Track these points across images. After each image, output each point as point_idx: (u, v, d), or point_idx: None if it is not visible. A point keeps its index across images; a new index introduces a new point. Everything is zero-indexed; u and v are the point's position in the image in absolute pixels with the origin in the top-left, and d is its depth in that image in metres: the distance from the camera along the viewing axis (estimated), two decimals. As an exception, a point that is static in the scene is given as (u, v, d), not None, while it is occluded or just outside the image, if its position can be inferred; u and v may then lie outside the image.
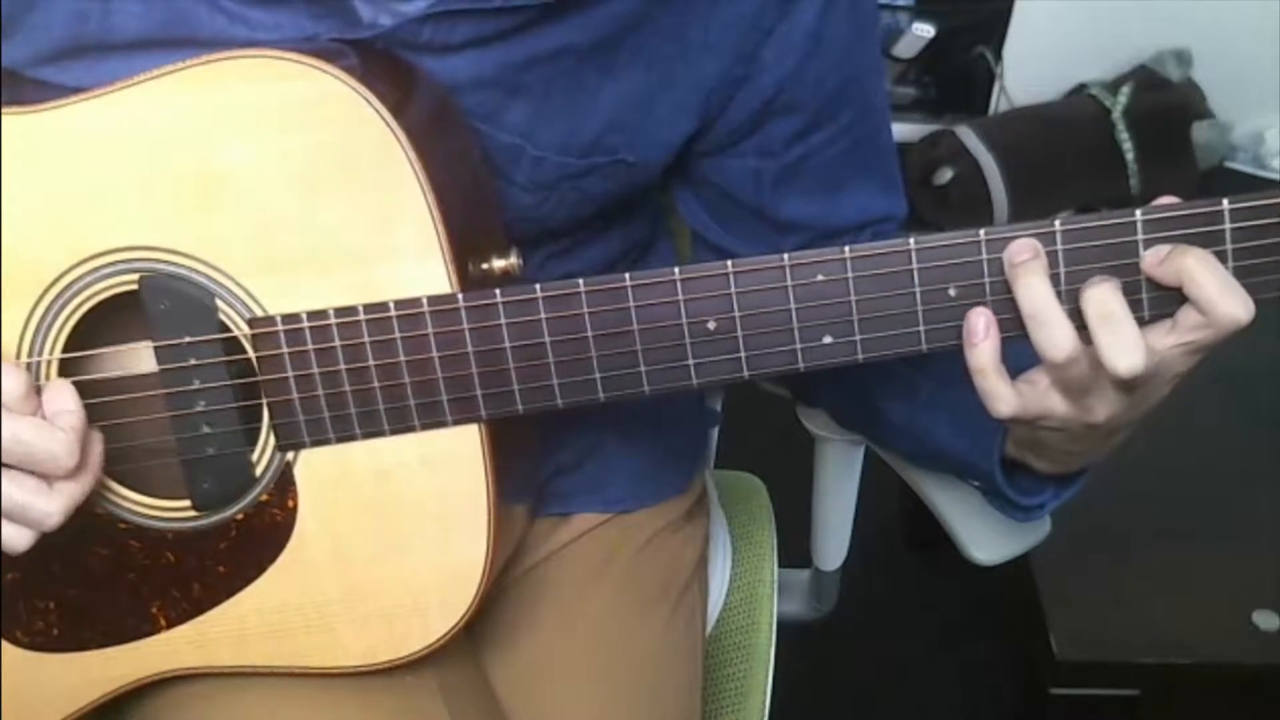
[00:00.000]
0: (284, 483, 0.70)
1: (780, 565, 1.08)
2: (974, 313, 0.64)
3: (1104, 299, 0.62)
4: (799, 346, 0.66)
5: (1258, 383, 1.50)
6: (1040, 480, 0.76)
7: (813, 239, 0.85)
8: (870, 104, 0.84)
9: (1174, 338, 0.63)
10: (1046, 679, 1.27)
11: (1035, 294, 0.63)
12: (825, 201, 0.84)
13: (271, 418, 0.68)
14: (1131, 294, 0.63)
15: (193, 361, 0.68)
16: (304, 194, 0.66)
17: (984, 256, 0.64)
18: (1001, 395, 0.65)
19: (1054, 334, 0.63)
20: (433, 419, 0.68)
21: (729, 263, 0.65)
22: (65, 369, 0.69)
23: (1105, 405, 0.65)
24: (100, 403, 0.69)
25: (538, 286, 0.66)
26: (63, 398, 0.65)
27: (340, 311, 0.66)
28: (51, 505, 0.65)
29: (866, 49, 0.83)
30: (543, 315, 0.66)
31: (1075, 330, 0.63)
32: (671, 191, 0.88)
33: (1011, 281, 0.63)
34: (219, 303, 0.67)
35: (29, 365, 0.68)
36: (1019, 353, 0.66)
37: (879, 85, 0.85)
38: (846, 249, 0.64)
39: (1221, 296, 0.61)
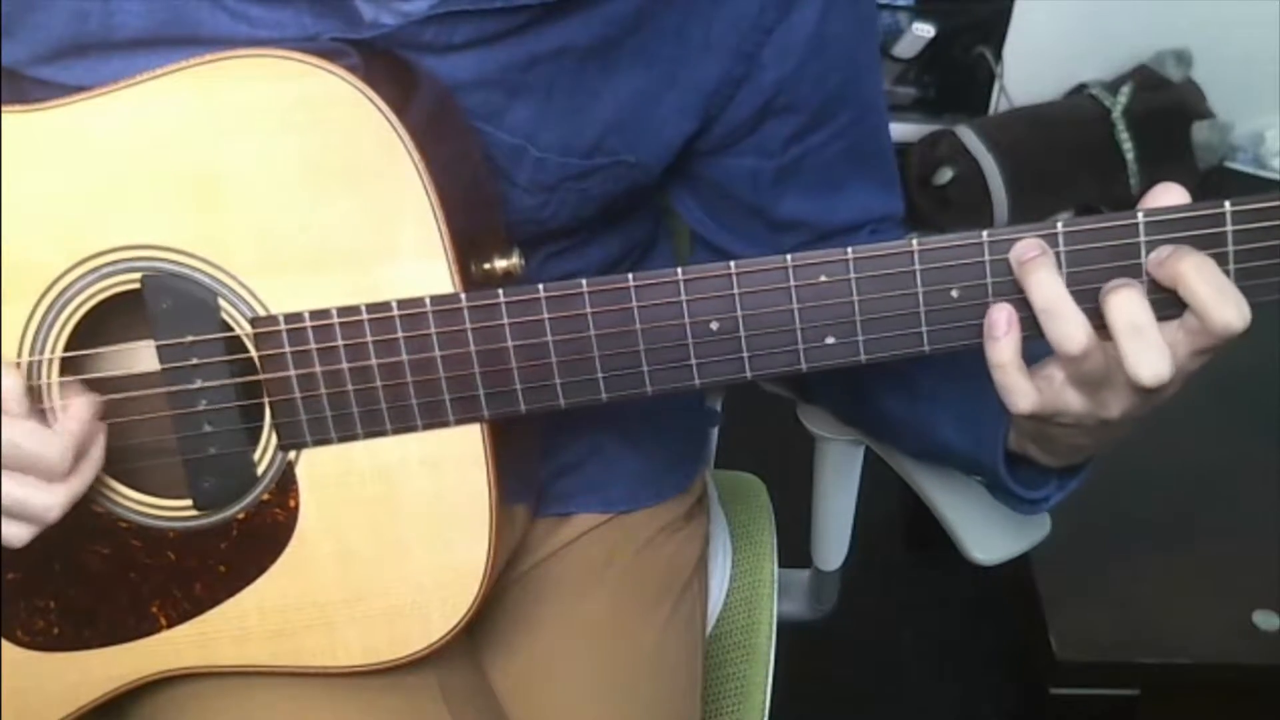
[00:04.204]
0: (285, 482, 0.70)
1: (780, 565, 1.08)
2: (995, 308, 0.64)
3: (1130, 307, 0.62)
4: (801, 347, 0.66)
5: (1257, 382, 1.49)
6: (1044, 472, 0.76)
7: (811, 238, 0.85)
8: (869, 103, 0.83)
9: (1180, 337, 0.63)
10: (1046, 679, 1.27)
11: (1046, 289, 0.62)
12: (823, 201, 0.84)
13: (273, 417, 0.68)
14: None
15: (195, 361, 0.68)
16: (306, 194, 0.66)
17: (987, 258, 0.64)
18: (1022, 390, 0.64)
19: (1068, 327, 0.62)
20: (435, 419, 0.68)
21: (732, 263, 0.65)
22: (66, 368, 0.69)
23: (1119, 401, 0.65)
24: (102, 401, 0.68)
25: (541, 287, 0.66)
26: (68, 399, 0.65)
27: (343, 311, 0.66)
28: (52, 499, 0.65)
29: (866, 48, 0.83)
30: (545, 315, 0.66)
31: (1089, 323, 0.62)
32: (668, 191, 0.88)
33: (1021, 279, 0.63)
34: (221, 302, 0.67)
35: (30, 364, 0.68)
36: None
37: (877, 84, 0.85)
38: (849, 250, 0.64)
39: (1215, 303, 0.61)
